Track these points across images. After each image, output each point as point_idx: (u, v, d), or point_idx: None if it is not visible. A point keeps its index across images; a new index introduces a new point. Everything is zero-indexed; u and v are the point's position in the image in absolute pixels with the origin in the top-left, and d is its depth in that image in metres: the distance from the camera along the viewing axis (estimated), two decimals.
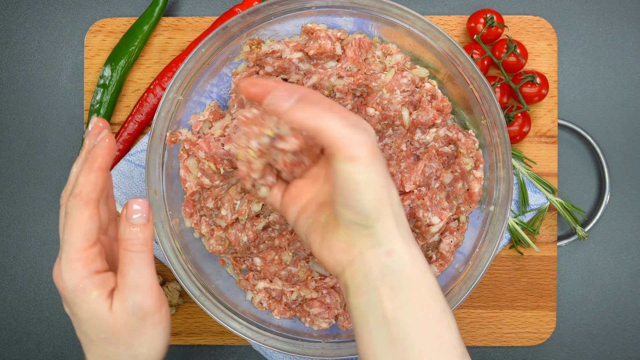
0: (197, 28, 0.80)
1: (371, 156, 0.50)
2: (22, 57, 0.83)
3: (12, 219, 0.82)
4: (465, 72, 0.68)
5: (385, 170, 0.52)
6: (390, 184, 0.52)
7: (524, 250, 0.80)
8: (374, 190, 0.50)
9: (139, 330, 0.54)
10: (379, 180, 0.51)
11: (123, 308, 0.53)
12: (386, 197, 0.51)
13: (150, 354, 0.55)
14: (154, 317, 0.55)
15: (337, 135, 0.49)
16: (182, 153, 0.70)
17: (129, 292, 0.53)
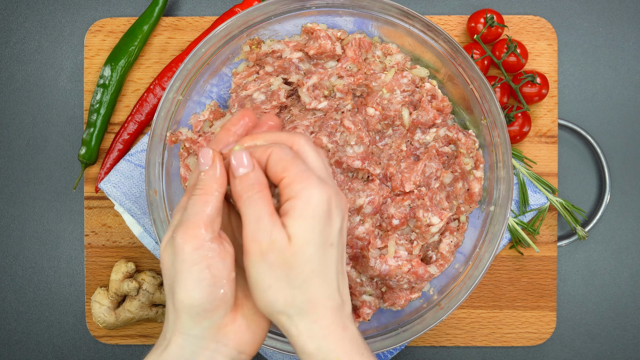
0: (197, 28, 0.80)
1: (262, 253, 0.49)
2: (22, 56, 0.83)
3: (11, 219, 0.82)
4: (465, 72, 0.68)
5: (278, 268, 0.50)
6: (294, 281, 0.50)
7: (524, 251, 0.80)
8: (261, 289, 0.50)
9: (174, 266, 0.50)
10: (267, 280, 0.50)
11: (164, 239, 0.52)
12: (277, 297, 0.50)
13: (187, 302, 0.50)
14: (187, 255, 0.50)
15: (243, 226, 0.50)
16: (183, 152, 0.70)
17: (172, 226, 0.52)
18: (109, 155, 0.79)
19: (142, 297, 0.77)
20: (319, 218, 0.50)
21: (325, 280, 0.51)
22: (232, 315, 0.52)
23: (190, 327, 0.51)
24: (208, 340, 0.51)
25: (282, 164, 0.51)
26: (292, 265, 0.50)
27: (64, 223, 0.82)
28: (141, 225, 0.78)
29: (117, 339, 0.80)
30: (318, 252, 0.50)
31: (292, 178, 0.50)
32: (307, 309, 0.50)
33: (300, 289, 0.50)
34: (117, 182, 0.78)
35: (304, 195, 0.49)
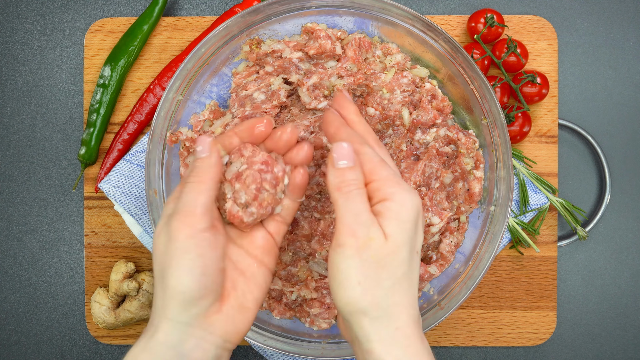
0: (197, 28, 0.80)
1: (358, 248, 0.50)
2: (21, 56, 0.83)
3: (11, 219, 0.82)
4: (465, 72, 0.68)
5: (382, 267, 0.50)
6: (384, 281, 0.50)
7: (524, 251, 0.80)
8: (349, 285, 0.50)
9: (167, 253, 0.51)
10: (358, 276, 0.50)
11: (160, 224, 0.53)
12: (365, 295, 0.50)
13: (178, 289, 0.50)
14: (180, 243, 0.50)
15: (339, 219, 0.51)
16: (183, 151, 0.70)
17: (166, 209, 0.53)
18: (109, 155, 0.79)
19: (142, 297, 0.77)
20: (412, 222, 0.51)
21: (410, 287, 0.51)
22: (218, 305, 0.53)
23: (179, 314, 0.51)
24: (195, 328, 0.51)
25: (369, 165, 0.52)
26: (385, 265, 0.50)
27: (63, 223, 0.82)
28: (141, 225, 0.78)
29: (117, 339, 0.80)
30: (409, 256, 0.51)
31: (383, 181, 0.51)
32: (392, 313, 0.50)
33: (389, 290, 0.50)
34: (116, 182, 0.78)
35: (399, 198, 0.50)
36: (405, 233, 0.50)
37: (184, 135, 0.69)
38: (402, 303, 0.50)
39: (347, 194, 0.51)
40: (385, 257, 0.50)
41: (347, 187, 0.51)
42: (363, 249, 0.50)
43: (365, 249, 0.50)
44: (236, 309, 0.53)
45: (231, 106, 0.72)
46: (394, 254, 0.50)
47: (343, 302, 0.50)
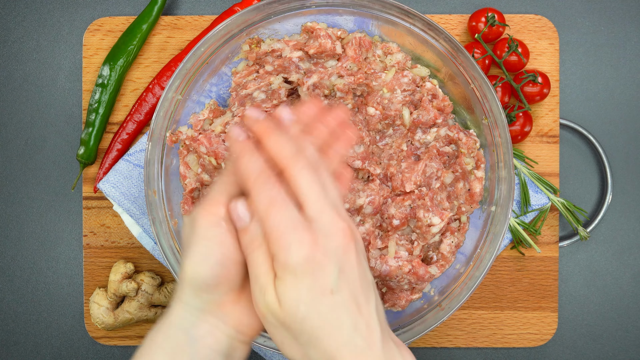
0: (196, 27, 0.80)
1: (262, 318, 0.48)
2: (20, 56, 0.82)
3: (10, 219, 0.82)
4: (466, 72, 0.68)
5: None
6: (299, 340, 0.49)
7: (525, 251, 0.80)
8: (278, 344, 0.49)
9: (190, 238, 0.51)
10: (276, 337, 0.49)
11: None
12: (292, 354, 0.49)
13: (191, 274, 0.50)
14: (202, 229, 0.50)
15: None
16: (182, 149, 0.70)
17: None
18: (108, 155, 0.78)
19: (141, 298, 0.76)
20: (301, 277, 0.47)
21: (335, 329, 0.48)
22: (235, 296, 0.52)
23: (191, 298, 0.51)
24: (207, 314, 0.51)
25: (260, 215, 0.49)
26: (289, 326, 0.48)
27: (62, 223, 0.82)
28: (140, 225, 0.78)
29: (116, 340, 0.80)
30: (313, 308, 0.48)
31: (270, 230, 0.48)
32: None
33: (311, 344, 0.48)
34: (115, 182, 0.77)
35: (281, 255, 0.48)
36: (295, 291, 0.47)
37: (184, 135, 0.69)
38: (331, 349, 0.48)
39: (248, 257, 0.50)
40: (285, 320, 0.48)
41: (247, 250, 0.50)
42: (266, 316, 0.49)
43: (267, 315, 0.49)
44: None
45: (231, 105, 0.72)
46: (291, 316, 0.48)
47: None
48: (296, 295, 0.47)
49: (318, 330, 0.48)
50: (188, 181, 0.70)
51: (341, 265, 0.48)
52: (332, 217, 0.48)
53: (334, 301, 0.48)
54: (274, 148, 0.50)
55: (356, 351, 0.48)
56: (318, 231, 0.48)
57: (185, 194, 0.71)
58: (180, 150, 0.70)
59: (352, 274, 0.49)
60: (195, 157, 0.70)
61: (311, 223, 0.48)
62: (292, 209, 0.48)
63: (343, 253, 0.48)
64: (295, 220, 0.48)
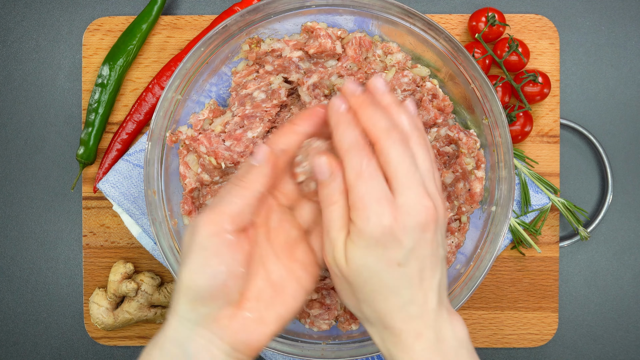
0: (196, 27, 0.80)
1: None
2: (19, 56, 0.82)
3: (9, 219, 0.82)
4: (466, 71, 0.68)
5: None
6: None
7: (525, 251, 0.79)
8: (338, 291, 0.52)
9: (189, 246, 0.51)
10: (337, 285, 0.51)
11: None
12: (349, 304, 0.51)
13: (187, 284, 0.50)
14: (201, 238, 0.50)
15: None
16: (182, 149, 0.70)
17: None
18: (107, 155, 0.78)
19: (141, 298, 0.76)
20: (374, 245, 0.49)
21: (393, 296, 0.50)
22: (232, 311, 0.51)
23: (187, 311, 0.50)
24: (202, 328, 0.50)
25: (348, 178, 0.50)
26: (351, 283, 0.50)
27: (62, 223, 0.82)
28: (140, 225, 0.78)
29: (116, 341, 0.80)
30: (377, 275, 0.49)
31: (354, 198, 0.49)
32: (379, 319, 0.50)
33: (366, 302, 0.50)
34: (115, 182, 0.77)
35: (359, 223, 0.49)
36: (363, 257, 0.49)
37: (184, 135, 0.69)
38: (384, 311, 0.50)
39: (324, 210, 0.51)
40: (348, 277, 0.50)
41: (324, 203, 0.51)
42: (332, 267, 0.51)
43: (333, 267, 0.51)
44: (253, 320, 0.52)
45: (231, 105, 0.71)
46: (354, 276, 0.50)
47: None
48: (364, 260, 0.49)
49: (376, 293, 0.50)
50: (188, 181, 0.70)
51: (415, 243, 0.49)
52: (418, 194, 0.49)
53: (398, 273, 0.49)
54: (368, 121, 0.50)
55: (408, 317, 0.50)
56: (401, 206, 0.48)
57: (185, 193, 0.71)
58: (180, 150, 0.70)
59: (424, 250, 0.49)
60: (195, 157, 0.70)
61: (396, 197, 0.49)
62: (379, 181, 0.49)
63: (421, 231, 0.49)
64: (380, 192, 0.49)
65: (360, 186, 0.49)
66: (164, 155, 0.69)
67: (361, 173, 0.49)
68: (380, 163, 0.50)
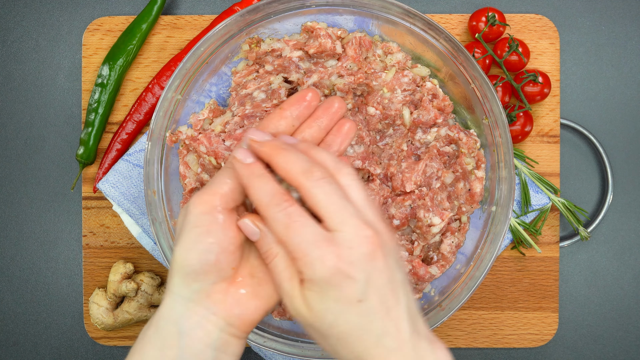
0: (196, 27, 0.80)
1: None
2: (19, 55, 0.82)
3: (9, 219, 0.82)
4: (466, 71, 0.68)
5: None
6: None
7: (526, 251, 0.79)
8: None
9: (182, 226, 0.51)
10: (310, 333, 0.50)
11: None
12: (326, 350, 0.50)
13: (180, 261, 0.50)
14: (193, 217, 0.50)
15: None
16: (182, 149, 0.70)
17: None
18: (107, 155, 0.78)
19: (141, 298, 0.76)
20: (327, 289, 0.47)
21: (364, 334, 0.48)
22: (224, 286, 0.51)
23: (180, 288, 0.51)
24: (196, 304, 0.51)
25: (280, 230, 0.49)
26: (319, 330, 0.49)
27: (61, 223, 0.82)
28: (140, 225, 0.78)
29: (116, 341, 0.80)
30: (341, 316, 0.48)
31: (292, 250, 0.48)
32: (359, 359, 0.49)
33: (340, 346, 0.49)
34: (115, 182, 0.77)
35: (305, 272, 0.48)
36: (322, 301, 0.48)
37: (184, 134, 0.69)
38: (359, 352, 0.49)
39: (269, 265, 0.51)
40: (314, 324, 0.49)
41: (265, 260, 0.51)
42: (296, 317, 0.50)
43: (297, 317, 0.50)
44: (247, 295, 0.52)
45: (231, 105, 0.71)
46: (319, 323, 0.49)
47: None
48: (324, 306, 0.48)
49: (346, 335, 0.48)
50: (188, 181, 0.70)
51: (367, 274, 0.48)
52: (355, 226, 0.48)
53: (361, 309, 0.48)
54: (285, 166, 0.49)
55: (385, 352, 0.48)
56: (341, 243, 0.47)
57: (185, 193, 0.70)
58: (180, 150, 0.70)
59: (379, 279, 0.48)
60: (195, 156, 0.70)
61: (333, 235, 0.48)
62: (311, 224, 0.48)
63: (369, 261, 0.48)
64: (316, 235, 0.48)
65: (292, 237, 0.48)
66: (164, 155, 0.69)
67: (288, 225, 0.48)
68: (309, 206, 0.49)
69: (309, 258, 0.47)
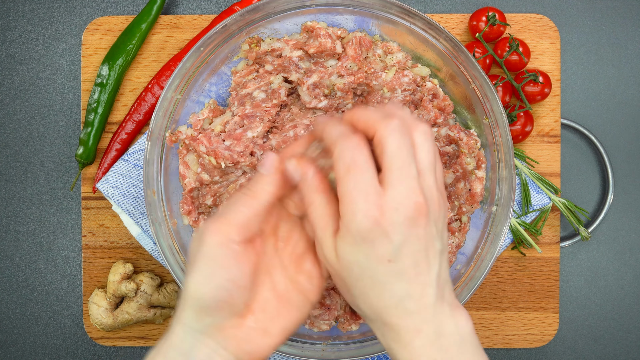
0: (196, 26, 0.79)
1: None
2: (18, 55, 0.82)
3: (8, 219, 0.82)
4: (467, 71, 0.68)
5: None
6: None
7: (526, 251, 0.79)
8: (338, 287, 0.51)
9: (195, 255, 0.50)
10: (336, 282, 0.51)
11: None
12: (347, 300, 0.51)
13: (193, 294, 0.49)
14: (208, 248, 0.49)
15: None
16: (182, 149, 0.70)
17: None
18: (107, 155, 0.78)
19: (140, 299, 0.76)
20: (361, 242, 0.48)
21: (386, 292, 0.49)
22: (238, 321, 0.51)
23: (192, 320, 0.50)
24: (207, 338, 0.50)
25: (340, 168, 0.49)
26: (344, 280, 0.50)
27: (61, 224, 0.81)
28: (139, 225, 0.78)
29: (115, 341, 0.79)
30: (368, 271, 0.48)
31: (342, 193, 0.48)
32: (377, 315, 0.50)
33: (361, 299, 0.50)
34: (115, 182, 0.77)
35: (345, 218, 0.48)
36: (353, 254, 0.48)
37: (184, 134, 0.69)
38: (378, 307, 0.49)
39: (309, 214, 0.51)
40: (341, 274, 0.50)
41: (305, 205, 0.51)
42: (326, 266, 0.51)
43: (327, 265, 0.51)
44: (257, 331, 0.52)
45: (231, 105, 0.71)
46: (346, 273, 0.49)
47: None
48: (354, 257, 0.48)
49: (369, 290, 0.49)
50: (187, 181, 0.70)
51: (405, 237, 0.48)
52: (409, 189, 0.48)
53: (389, 269, 0.48)
54: (366, 115, 0.50)
55: (404, 313, 0.49)
56: (390, 201, 0.47)
57: (184, 193, 0.70)
58: (180, 150, 0.70)
59: (415, 245, 0.48)
60: (194, 156, 0.70)
61: (386, 190, 0.47)
62: (369, 174, 0.48)
63: (410, 227, 0.48)
64: (369, 186, 0.47)
65: (348, 180, 0.48)
66: (164, 155, 0.69)
67: (350, 165, 0.48)
68: (377, 153, 0.49)
69: (354, 206, 0.47)
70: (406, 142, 0.48)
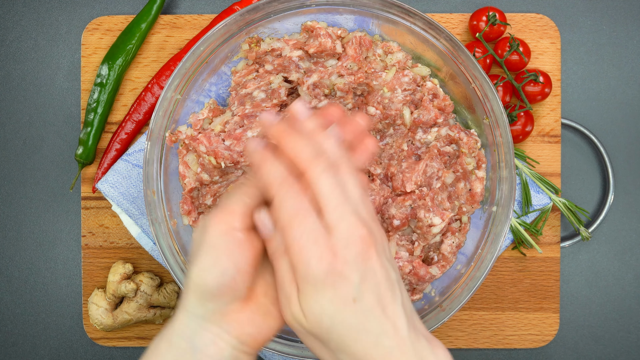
0: (196, 26, 0.79)
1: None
2: (18, 55, 0.82)
3: (8, 219, 0.82)
4: (467, 71, 0.68)
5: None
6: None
7: (526, 252, 0.79)
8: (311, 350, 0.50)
9: (199, 244, 0.51)
10: (307, 344, 0.50)
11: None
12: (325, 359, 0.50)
13: (196, 281, 0.50)
14: (211, 237, 0.50)
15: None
16: (182, 149, 0.70)
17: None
18: (107, 155, 0.78)
19: (140, 299, 0.76)
20: (322, 288, 0.47)
21: (362, 335, 0.48)
22: (240, 305, 0.52)
23: (195, 306, 0.51)
24: (210, 323, 0.51)
25: (284, 217, 0.48)
26: (317, 336, 0.49)
27: (60, 224, 0.81)
28: (139, 225, 0.77)
29: (115, 341, 0.79)
30: (337, 318, 0.48)
31: (290, 242, 0.48)
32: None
33: (339, 350, 0.49)
34: (114, 182, 0.77)
35: (300, 268, 0.48)
36: (317, 305, 0.48)
37: (184, 134, 0.69)
38: (359, 353, 0.48)
39: (274, 264, 0.51)
40: (312, 331, 0.49)
41: (272, 258, 0.51)
42: (293, 325, 0.50)
43: (294, 325, 0.50)
44: (260, 314, 0.52)
45: (231, 104, 0.71)
46: (317, 328, 0.49)
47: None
48: (319, 308, 0.48)
49: (345, 337, 0.48)
50: (187, 181, 0.70)
51: (362, 273, 0.47)
52: (351, 224, 0.48)
53: (357, 309, 0.48)
54: (292, 151, 0.50)
55: (385, 352, 0.48)
56: (337, 241, 0.47)
57: (184, 193, 0.70)
58: (180, 150, 0.70)
59: (374, 278, 0.48)
60: (194, 156, 0.70)
61: (330, 231, 0.47)
62: (313, 220, 0.48)
63: (363, 261, 0.48)
64: (315, 231, 0.47)
65: (294, 229, 0.48)
66: (163, 155, 0.69)
67: (294, 214, 0.48)
68: (311, 194, 0.49)
69: (306, 255, 0.47)
70: (338, 180, 0.49)
